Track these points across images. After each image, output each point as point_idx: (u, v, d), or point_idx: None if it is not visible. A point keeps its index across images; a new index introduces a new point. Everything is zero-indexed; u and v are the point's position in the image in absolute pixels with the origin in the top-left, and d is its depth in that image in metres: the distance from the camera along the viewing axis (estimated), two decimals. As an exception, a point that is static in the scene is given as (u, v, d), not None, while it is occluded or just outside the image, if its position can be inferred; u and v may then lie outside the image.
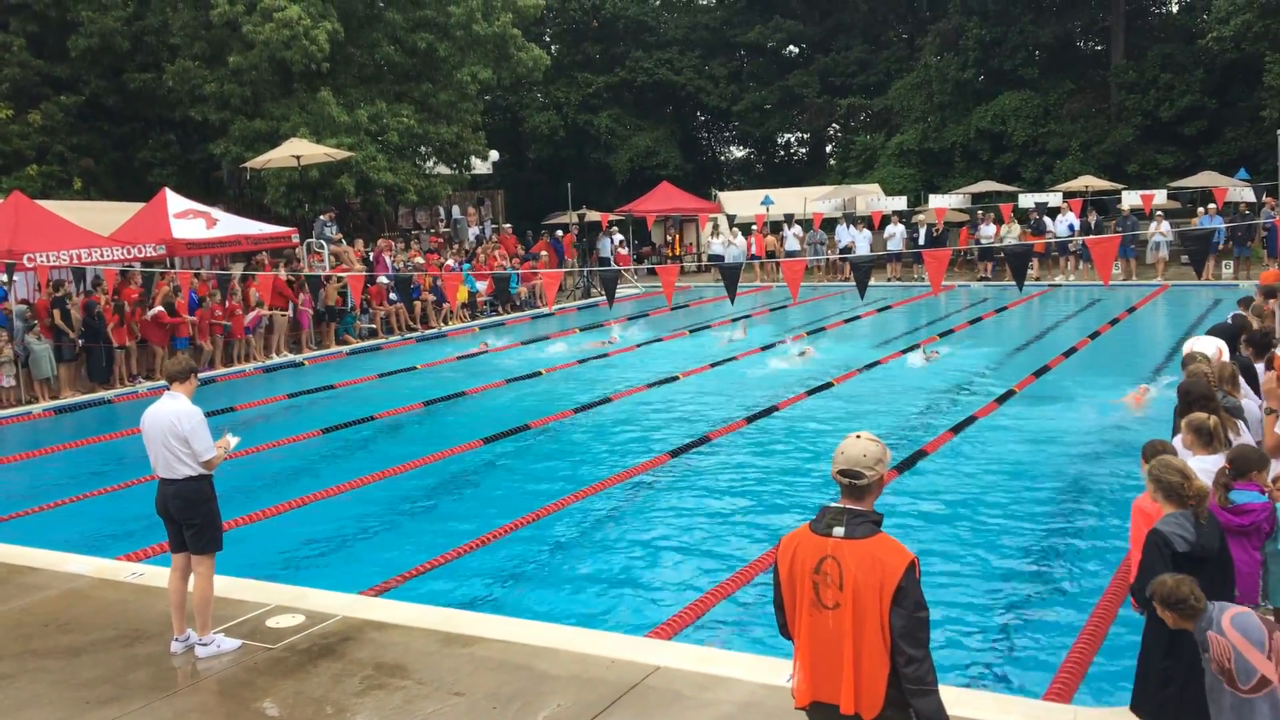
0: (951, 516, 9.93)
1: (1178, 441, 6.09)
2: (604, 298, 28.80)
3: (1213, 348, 7.59)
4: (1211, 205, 28.04)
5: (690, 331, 23.95)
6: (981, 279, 30.76)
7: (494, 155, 38.76)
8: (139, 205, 23.64)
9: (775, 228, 35.49)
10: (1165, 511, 4.97)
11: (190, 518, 7.18)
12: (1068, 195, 31.48)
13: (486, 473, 12.48)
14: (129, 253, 20.07)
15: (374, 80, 31.89)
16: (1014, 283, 12.44)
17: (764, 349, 20.19)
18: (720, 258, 32.89)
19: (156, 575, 8.57)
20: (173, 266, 21.60)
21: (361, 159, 28.25)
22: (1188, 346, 7.80)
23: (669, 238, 37.50)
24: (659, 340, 22.36)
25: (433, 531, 10.16)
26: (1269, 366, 7.09)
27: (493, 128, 41.67)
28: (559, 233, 33.61)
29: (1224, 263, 27.92)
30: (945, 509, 10.17)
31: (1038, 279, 28.74)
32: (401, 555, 9.30)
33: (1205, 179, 31.64)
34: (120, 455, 13.71)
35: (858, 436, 4.08)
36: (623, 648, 6.94)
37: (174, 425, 7.10)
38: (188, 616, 7.26)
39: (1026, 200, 31.72)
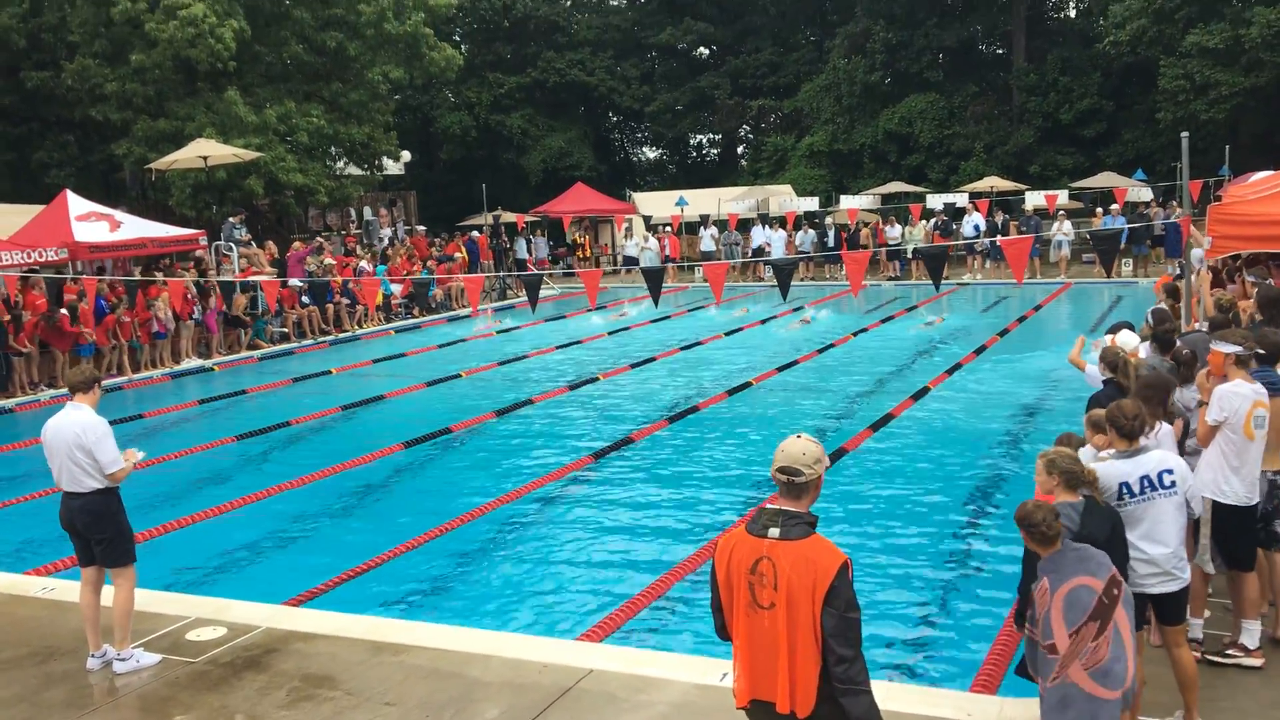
0: (878, 509, 10.09)
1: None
2: (521, 299, 28.72)
3: (1133, 343, 7.86)
4: (1114, 206, 28.94)
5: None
6: (891, 278, 31.29)
7: (406, 156, 38.34)
8: (38, 208, 22.89)
9: (691, 229, 35.61)
10: (1059, 499, 5.12)
11: (99, 532, 6.96)
12: (974, 196, 32.17)
13: (414, 473, 12.38)
14: (29, 256, 19.42)
15: (282, 80, 31.32)
16: (922, 282, 12.81)
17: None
18: (634, 260, 32.92)
19: (69, 590, 8.29)
20: (76, 271, 20.95)
21: (270, 160, 27.71)
22: (1108, 338, 8.04)
23: (580, 239, 37.39)
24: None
25: (358, 537, 10.00)
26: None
27: (404, 128, 41.24)
28: (474, 234, 33.34)
29: (1124, 260, 28.84)
30: (874, 497, 10.36)
31: (946, 278, 29.29)
32: (324, 563, 9.09)
33: (1105, 179, 32.68)
34: (24, 466, 13.21)
35: (798, 436, 4.09)
36: (555, 652, 6.92)
37: (78, 437, 6.85)
38: (103, 631, 7.06)
39: (935, 201, 32.35)
